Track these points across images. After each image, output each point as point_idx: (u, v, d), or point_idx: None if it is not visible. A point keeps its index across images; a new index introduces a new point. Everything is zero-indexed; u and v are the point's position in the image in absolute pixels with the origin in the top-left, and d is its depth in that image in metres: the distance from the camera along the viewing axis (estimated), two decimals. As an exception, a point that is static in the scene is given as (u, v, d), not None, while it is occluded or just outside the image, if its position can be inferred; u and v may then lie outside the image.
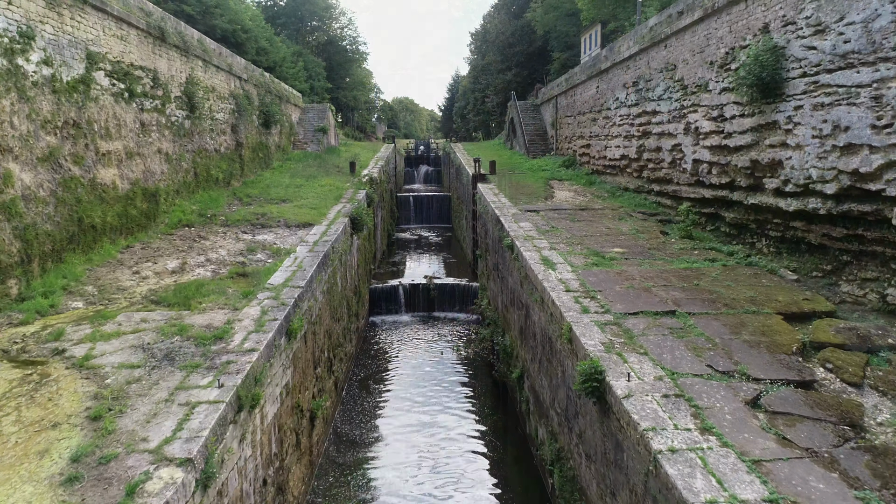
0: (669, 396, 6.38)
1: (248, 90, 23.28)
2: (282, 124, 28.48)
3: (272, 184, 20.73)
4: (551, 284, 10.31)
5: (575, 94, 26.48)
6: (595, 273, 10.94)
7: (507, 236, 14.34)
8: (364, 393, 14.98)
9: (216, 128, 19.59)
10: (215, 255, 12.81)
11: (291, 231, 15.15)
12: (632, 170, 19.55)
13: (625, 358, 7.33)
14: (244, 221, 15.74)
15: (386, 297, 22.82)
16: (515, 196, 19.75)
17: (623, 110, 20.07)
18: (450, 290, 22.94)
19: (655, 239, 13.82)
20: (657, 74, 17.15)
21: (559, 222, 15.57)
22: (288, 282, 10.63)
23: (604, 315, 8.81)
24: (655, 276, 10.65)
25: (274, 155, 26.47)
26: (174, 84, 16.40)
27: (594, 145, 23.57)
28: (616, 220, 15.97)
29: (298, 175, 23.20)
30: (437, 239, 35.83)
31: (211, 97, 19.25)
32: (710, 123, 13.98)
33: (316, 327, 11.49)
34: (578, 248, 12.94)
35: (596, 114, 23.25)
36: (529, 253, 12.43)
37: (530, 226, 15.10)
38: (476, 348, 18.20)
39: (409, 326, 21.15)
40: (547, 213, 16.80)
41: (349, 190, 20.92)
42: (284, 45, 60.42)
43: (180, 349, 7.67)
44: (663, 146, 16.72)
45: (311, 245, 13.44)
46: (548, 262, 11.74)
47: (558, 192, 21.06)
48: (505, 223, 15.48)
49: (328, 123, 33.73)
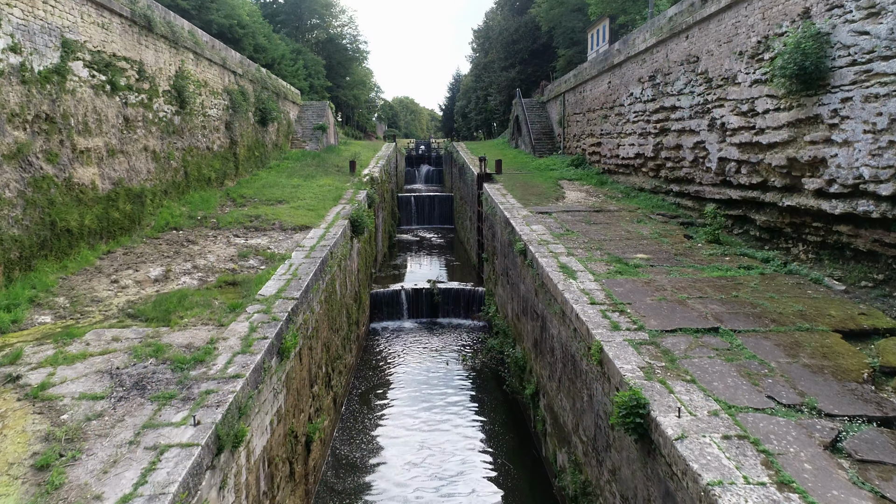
0: (731, 438, 5.35)
1: (244, 86, 22.25)
2: (279, 122, 27.44)
3: (268, 184, 19.70)
4: (573, 296, 9.27)
5: (584, 90, 25.44)
6: (620, 282, 9.90)
7: (519, 240, 13.31)
8: (365, 409, 13.94)
9: (209, 124, 18.56)
10: (203, 262, 11.77)
11: (287, 235, 14.12)
12: (647, 169, 18.51)
13: (669, 387, 6.30)
14: (237, 224, 14.70)
15: (388, 302, 21.80)
16: (525, 197, 18.72)
17: (638, 106, 19.04)
18: (454, 296, 21.92)
19: (680, 243, 12.79)
20: (677, 67, 16.12)
21: (574, 225, 14.53)
22: (281, 292, 9.59)
23: (637, 333, 7.78)
24: (688, 286, 9.62)
25: (271, 154, 25.44)
26: (162, 77, 15.37)
27: (605, 143, 22.53)
28: (634, 222, 14.94)
29: (296, 174, 22.17)
30: (439, 240, 34.81)
31: (203, 92, 18.21)
32: (738, 119, 12.95)
33: (312, 342, 10.45)
34: (598, 253, 11.90)
35: (608, 110, 22.21)
36: (545, 259, 11.40)
37: (543, 229, 14.07)
38: (483, 358, 17.17)
39: (411, 334, 20.12)
40: (560, 216, 15.77)
41: (349, 190, 19.89)
42: (283, 42, 59.44)
43: (153, 375, 6.63)
44: (684, 144, 15.69)
45: (307, 250, 12.41)
46: (567, 269, 10.71)
47: (569, 192, 20.02)
48: (516, 226, 14.45)
49: (327, 121, 32.69)
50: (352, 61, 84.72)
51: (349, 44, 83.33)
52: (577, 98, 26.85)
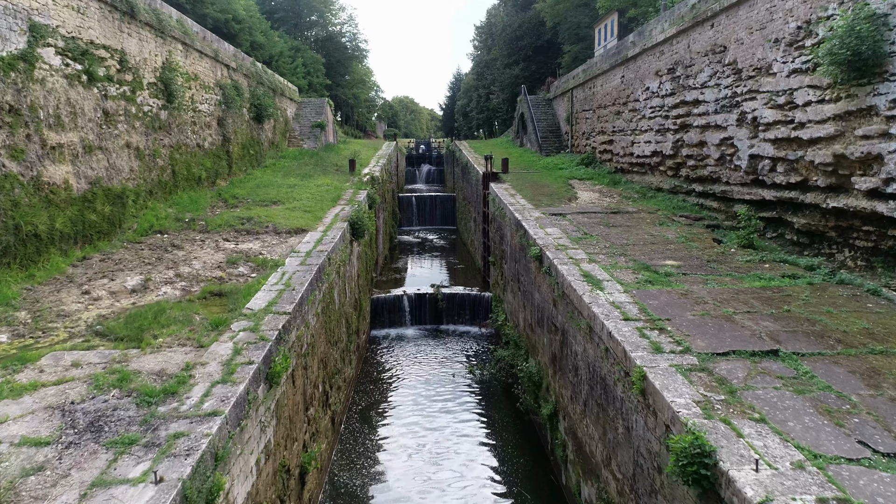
0: (828, 502, 4.26)
1: (238, 80, 21.15)
2: (276, 119, 26.34)
3: (263, 183, 18.60)
4: (603, 310, 8.18)
5: (595, 85, 24.35)
6: (654, 294, 8.81)
7: (534, 245, 12.22)
8: (366, 428, 12.84)
9: (199, 120, 17.46)
10: (188, 269, 10.67)
11: (281, 239, 13.02)
12: (666, 168, 17.43)
13: (737, 428, 5.21)
14: (227, 227, 13.60)
15: (389, 308, 20.70)
16: (535, 197, 17.63)
17: (655, 101, 17.95)
18: (459, 301, 20.82)
19: (710, 249, 11.70)
20: (700, 59, 15.03)
21: (592, 228, 13.44)
22: (272, 305, 8.49)
23: (684, 356, 6.68)
24: (731, 299, 8.53)
25: (267, 152, 24.33)
26: (147, 69, 14.27)
27: (618, 141, 21.44)
28: (656, 225, 13.85)
29: (293, 174, 21.07)
30: (441, 242, 33.71)
31: (193, 86, 17.11)
32: (773, 112, 11.86)
33: (308, 360, 9.36)
34: (622, 259, 10.82)
35: (620, 106, 21.12)
36: (566, 267, 10.31)
37: (559, 232, 12.98)
38: (492, 370, 16.08)
39: (415, 342, 19.02)
40: (575, 217, 14.67)
41: (348, 190, 18.80)
42: (282, 39, 58.35)
43: (114, 412, 5.54)
44: (708, 140, 14.60)
45: (303, 256, 11.31)
46: (591, 278, 9.61)
47: (581, 192, 18.94)
48: (529, 229, 13.35)
49: (326, 119, 31.60)
50: (351, 60, 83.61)
51: (349, 42, 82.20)
52: (586, 94, 25.75)
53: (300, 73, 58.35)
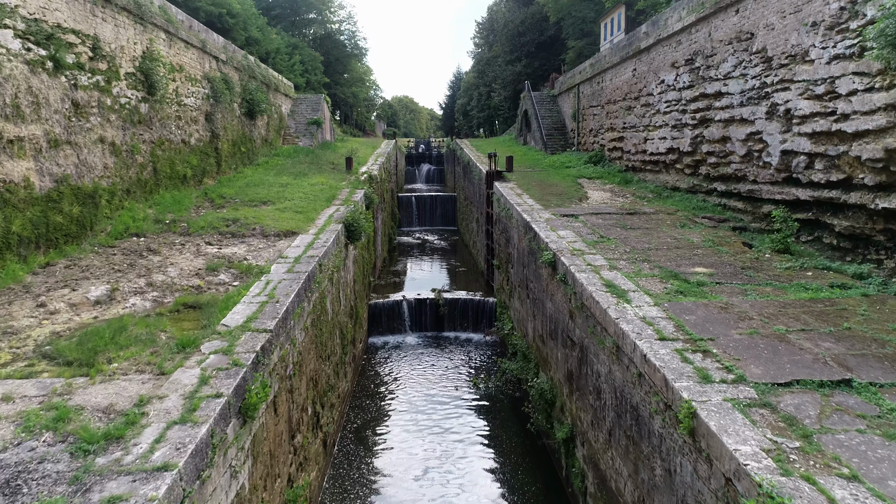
0: None
1: (228, 74, 20.03)
2: (269, 115, 25.23)
3: (253, 182, 17.49)
4: (633, 327, 7.08)
5: (603, 80, 23.24)
6: (689, 307, 7.71)
7: (546, 249, 11.12)
8: (361, 450, 11.73)
9: (185, 115, 16.34)
10: (162, 277, 9.56)
11: (269, 242, 11.92)
12: (683, 165, 16.32)
13: (826, 491, 4.10)
14: (211, 229, 12.49)
15: (388, 314, 19.60)
16: (543, 197, 16.53)
17: (671, 95, 16.85)
18: (462, 307, 19.72)
19: (742, 254, 10.60)
20: (723, 47, 13.93)
21: (608, 231, 12.34)
22: (251, 321, 7.38)
23: (738, 387, 5.58)
24: (779, 314, 7.43)
25: (259, 149, 23.21)
26: (125, 57, 13.15)
27: (629, 138, 20.34)
28: (678, 227, 12.75)
29: (286, 172, 19.96)
30: (442, 243, 32.61)
31: (178, 78, 16.00)
32: (811, 103, 10.76)
33: (294, 381, 8.25)
34: (646, 266, 9.71)
35: (632, 101, 20.02)
36: (585, 275, 9.20)
37: (573, 235, 11.88)
38: (498, 382, 14.98)
39: (415, 351, 17.93)
40: (588, 219, 13.57)
41: (344, 190, 17.69)
42: (279, 36, 57.28)
43: (40, 466, 4.43)
44: (733, 135, 13.50)
45: (291, 262, 10.20)
46: (614, 288, 8.51)
47: (592, 192, 17.83)
48: (539, 231, 12.25)
49: (323, 116, 30.49)
50: (350, 58, 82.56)
51: (347, 40, 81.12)
52: (594, 89, 24.65)
53: (298, 70, 57.22)
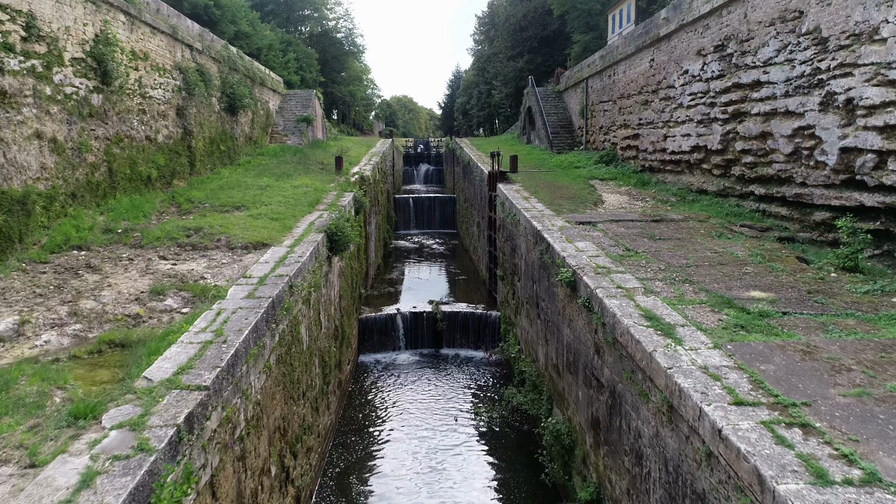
0: None
1: (204, 65, 18.21)
2: (254, 111, 23.39)
3: (229, 184, 15.66)
4: (693, 382, 5.27)
5: (615, 73, 21.43)
6: (759, 350, 5.90)
7: (563, 265, 9.31)
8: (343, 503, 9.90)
9: (150, 108, 14.51)
10: (92, 304, 7.74)
11: (235, 256, 10.09)
12: (711, 165, 14.51)
13: None
14: (168, 240, 10.67)
15: (381, 329, 17.79)
16: (554, 201, 14.71)
17: (696, 86, 15.04)
18: (462, 321, 17.92)
19: (801, 272, 8.79)
20: (763, 30, 12.12)
21: (634, 242, 10.53)
22: (184, 371, 5.57)
23: (872, 492, 3.77)
24: (882, 361, 5.61)
25: (242, 148, 21.38)
26: (71, 40, 11.33)
27: (646, 135, 18.53)
28: (714, 237, 10.95)
29: (268, 173, 18.14)
30: (441, 248, 30.80)
31: (141, 67, 14.17)
32: (882, 91, 8.95)
33: (247, 443, 6.43)
34: (689, 289, 7.91)
35: (649, 95, 18.21)
36: (615, 301, 7.39)
37: (594, 248, 10.07)
38: (503, 411, 13.17)
39: (409, 371, 16.12)
40: (608, 227, 11.76)
41: (331, 193, 15.87)
42: (273, 32, 55.51)
43: None
44: (775, 131, 11.69)
45: (254, 284, 8.38)
46: (656, 321, 6.70)
47: (606, 195, 16.03)
48: (553, 243, 10.44)
49: (314, 113, 28.66)
50: (347, 56, 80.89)
51: (344, 38, 79.43)
52: (604, 83, 22.83)
53: (292, 67, 55.41)
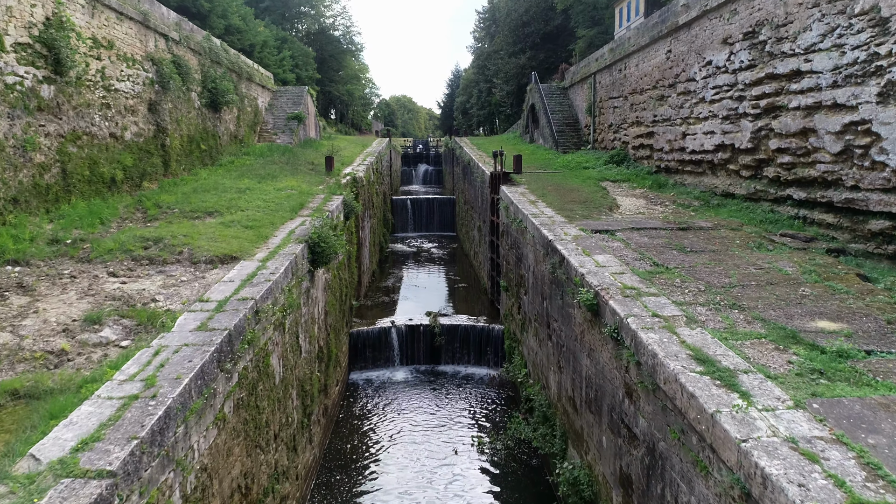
0: None
1: (182, 57, 16.75)
2: (240, 108, 21.93)
3: (204, 187, 14.20)
4: (785, 467, 3.83)
5: (627, 66, 19.98)
6: (855, 411, 4.45)
7: (584, 285, 7.87)
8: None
9: (116, 103, 13.06)
10: (5, 338, 6.27)
11: (197, 273, 8.64)
12: (739, 166, 13.07)
13: None
14: (122, 252, 9.21)
15: (373, 344, 16.35)
16: (564, 205, 13.27)
17: (721, 78, 13.60)
18: (462, 335, 16.48)
19: (869, 294, 7.34)
20: (804, 12, 10.68)
21: (662, 254, 9.09)
22: (89, 445, 4.12)
23: None
24: None
25: (226, 147, 19.93)
26: (15, 23, 9.87)
27: (661, 133, 17.09)
28: (753, 248, 9.51)
29: (251, 174, 16.67)
30: (440, 252, 29.37)
31: (104, 56, 12.72)
32: (963, 77, 7.51)
33: (185, 526, 4.97)
34: (740, 318, 6.46)
35: (665, 89, 16.77)
36: (653, 335, 5.94)
37: (616, 262, 8.62)
38: (508, 441, 11.74)
39: (405, 392, 14.68)
40: (629, 237, 10.32)
41: (318, 196, 14.42)
42: (268, 29, 54.09)
43: None
44: (820, 127, 10.25)
45: (212, 308, 6.92)
46: (710, 364, 5.25)
47: (621, 198, 14.59)
48: (569, 256, 8.99)
49: (306, 110, 27.22)
50: (345, 54, 79.54)
51: (342, 36, 78.08)
52: (614, 78, 21.38)
53: (287, 65, 53.99)
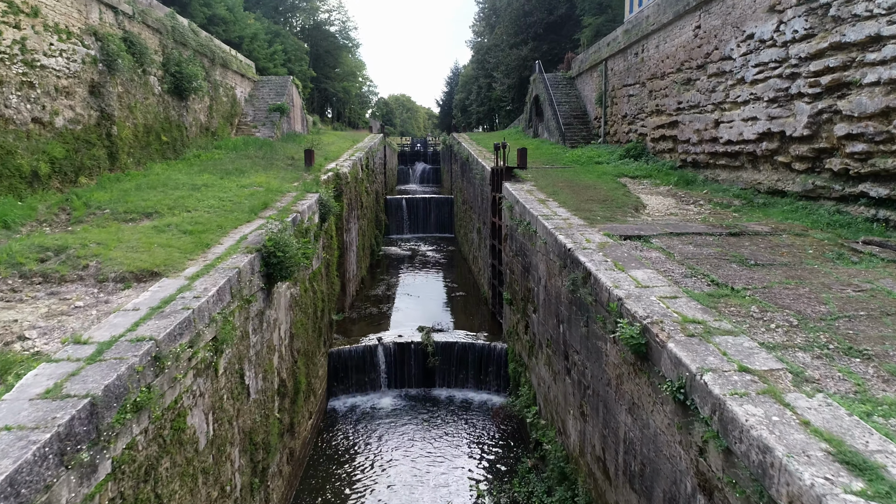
0: None
1: (137, 34, 14.56)
2: (213, 97, 19.73)
3: (153, 183, 11.97)
4: None
5: (645, 48, 17.80)
6: None
7: (625, 316, 5.70)
8: None
9: (43, 83, 10.88)
10: None
11: (101, 294, 6.44)
12: (791, 157, 10.89)
13: None
14: (9, 267, 7.01)
15: (357, 365, 14.20)
16: (581, 206, 11.08)
17: (767, 54, 11.42)
18: (460, 354, 14.33)
19: None
20: (887, -39, 8.50)
21: (718, 269, 6.90)
22: None
23: None
24: None
25: (194, 140, 17.72)
26: None
27: (688, 122, 14.90)
28: (833, 260, 7.34)
29: (215, 169, 14.47)
30: (436, 256, 27.22)
31: (26, 26, 10.53)
32: None
33: None
34: (867, 371, 4.30)
35: (693, 72, 14.58)
36: (753, 411, 3.77)
37: (661, 280, 6.43)
38: (516, 492, 9.56)
39: (392, 423, 12.52)
40: (668, 243, 8.13)
41: (289, 194, 12.24)
42: (258, 22, 51.92)
43: None
44: (912, 104, 8.07)
45: (90, 353, 4.72)
46: (871, 474, 3.08)
47: (645, 197, 12.42)
48: (596, 270, 6.80)
49: (290, 102, 25.03)
50: (341, 50, 77.46)
51: (338, 31, 75.96)
52: (629, 63, 19.20)
53: (279, 59, 51.82)
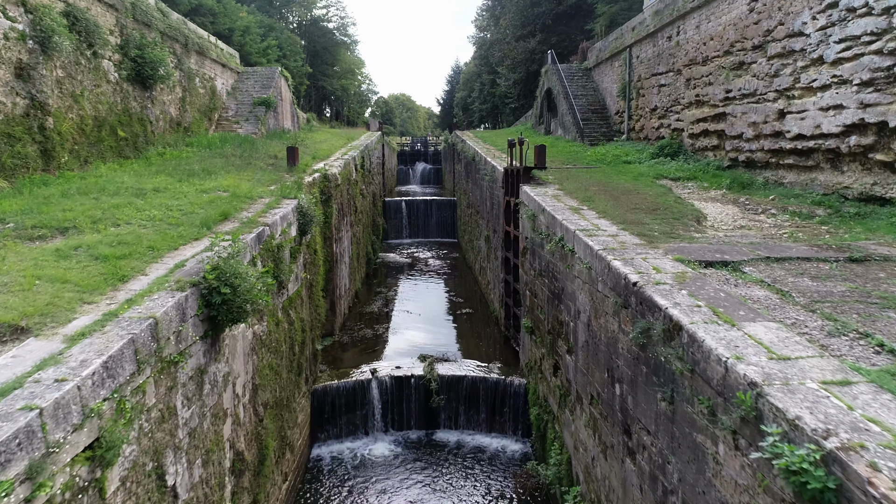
0: None
1: (84, 9, 12.24)
2: (187, 88, 17.39)
3: (87, 188, 9.60)
4: None
5: (682, 30, 15.45)
6: None
7: (777, 422, 3.37)
8: None
9: (-57, 59, 8.55)
10: None
11: (-78, 367, 4.11)
12: (893, 155, 8.56)
13: None
14: None
15: (347, 402, 11.89)
16: (627, 216, 8.74)
17: (856, 25, 9.09)
18: (469, 389, 12.01)
19: None
20: None
21: (873, 320, 4.57)
22: None
23: None
24: None
25: (161, 136, 15.37)
26: None
27: (740, 114, 12.57)
28: None
29: (176, 170, 12.10)
30: (438, 263, 24.92)
31: (-82, -16, 8.20)
32: None
33: None
34: None
35: (748, 53, 12.24)
36: None
37: (798, 343, 4.11)
38: None
39: (386, 478, 10.21)
40: (768, 273, 5.80)
41: (263, 200, 9.90)
42: (251, 15, 49.62)
43: None
44: None
45: None
46: None
47: (699, 203, 10.09)
48: (689, 324, 4.48)
49: (278, 96, 22.68)
50: (339, 47, 75.18)
51: (336, 27, 73.63)
52: (659, 49, 16.86)
53: (273, 55, 49.44)
